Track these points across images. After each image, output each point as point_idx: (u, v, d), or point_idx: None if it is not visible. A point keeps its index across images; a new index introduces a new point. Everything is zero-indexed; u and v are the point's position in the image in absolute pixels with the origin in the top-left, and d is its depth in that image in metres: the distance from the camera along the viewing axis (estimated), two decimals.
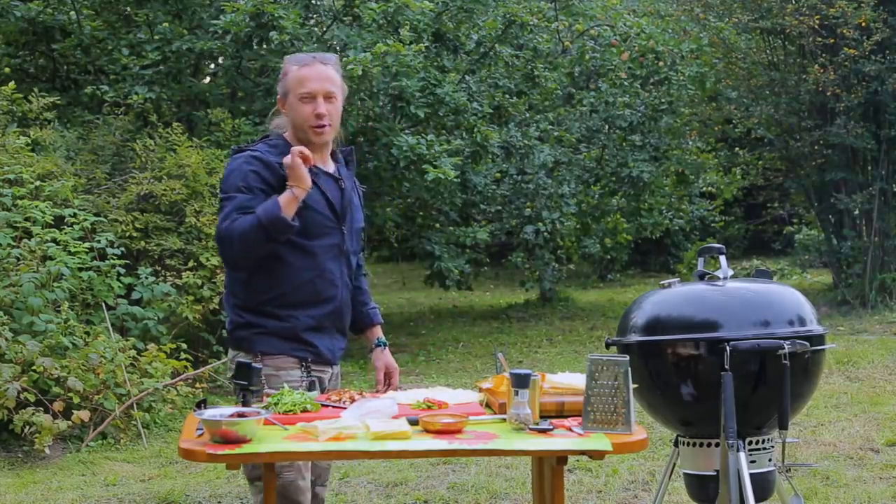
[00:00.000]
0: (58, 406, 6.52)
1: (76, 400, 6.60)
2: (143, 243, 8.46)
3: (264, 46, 10.05)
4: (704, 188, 15.91)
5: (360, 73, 9.01)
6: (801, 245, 14.81)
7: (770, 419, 3.51)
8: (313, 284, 3.42)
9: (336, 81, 3.49)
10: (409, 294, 16.26)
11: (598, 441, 2.74)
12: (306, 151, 3.33)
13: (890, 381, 7.94)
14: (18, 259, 7.13)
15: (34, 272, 7.03)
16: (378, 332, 3.77)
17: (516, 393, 2.82)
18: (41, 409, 6.47)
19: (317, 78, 3.45)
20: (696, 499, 3.65)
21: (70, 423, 6.52)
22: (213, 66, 11.29)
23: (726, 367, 3.35)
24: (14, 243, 7.18)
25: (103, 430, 6.89)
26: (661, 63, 12.39)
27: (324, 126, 3.43)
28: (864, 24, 11.03)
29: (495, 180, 11.79)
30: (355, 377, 9.02)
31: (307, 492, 3.37)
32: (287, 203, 3.29)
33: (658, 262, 17.73)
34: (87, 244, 7.44)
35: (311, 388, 3.38)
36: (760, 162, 14.67)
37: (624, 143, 13.08)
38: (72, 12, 10.10)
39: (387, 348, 3.74)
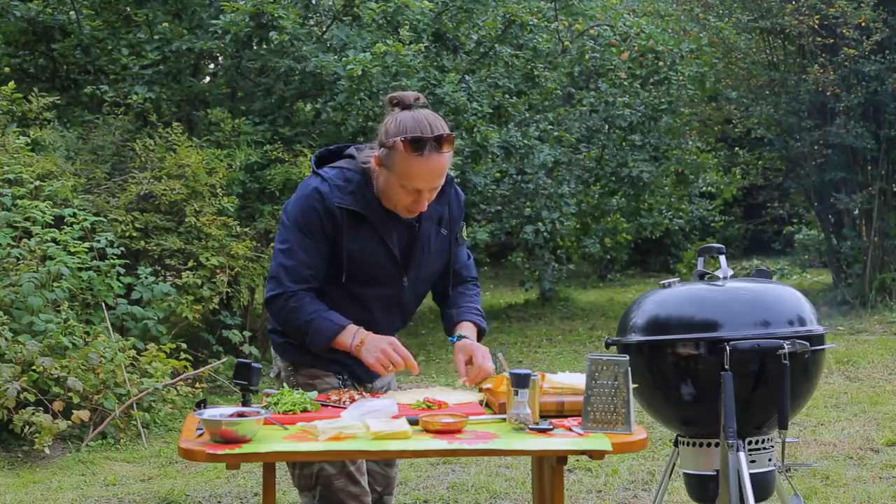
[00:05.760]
0: (58, 406, 6.52)
1: (76, 400, 6.60)
2: (142, 243, 8.46)
3: (264, 46, 10.06)
4: (704, 188, 15.89)
5: (359, 73, 9.02)
6: (801, 245, 14.81)
7: (770, 419, 3.51)
8: None
9: (447, 167, 3.04)
10: None
11: (598, 441, 2.73)
12: (410, 363, 3.08)
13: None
14: (18, 259, 7.13)
15: (34, 272, 7.02)
16: (461, 328, 3.35)
17: (516, 393, 2.82)
18: (41, 408, 6.46)
19: (429, 177, 3.02)
20: (696, 499, 3.65)
21: (70, 422, 6.51)
22: (212, 65, 11.30)
23: (726, 366, 3.35)
24: (14, 243, 7.17)
25: (103, 430, 6.89)
26: (660, 63, 12.39)
27: (416, 212, 3.13)
28: (863, 24, 11.02)
29: (495, 180, 11.78)
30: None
31: (362, 498, 3.21)
32: (339, 344, 3.11)
33: (658, 262, 17.71)
34: (86, 244, 7.43)
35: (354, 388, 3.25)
36: (760, 162, 14.67)
37: (624, 143, 13.08)
38: (72, 12, 10.10)
39: (465, 340, 3.29)
